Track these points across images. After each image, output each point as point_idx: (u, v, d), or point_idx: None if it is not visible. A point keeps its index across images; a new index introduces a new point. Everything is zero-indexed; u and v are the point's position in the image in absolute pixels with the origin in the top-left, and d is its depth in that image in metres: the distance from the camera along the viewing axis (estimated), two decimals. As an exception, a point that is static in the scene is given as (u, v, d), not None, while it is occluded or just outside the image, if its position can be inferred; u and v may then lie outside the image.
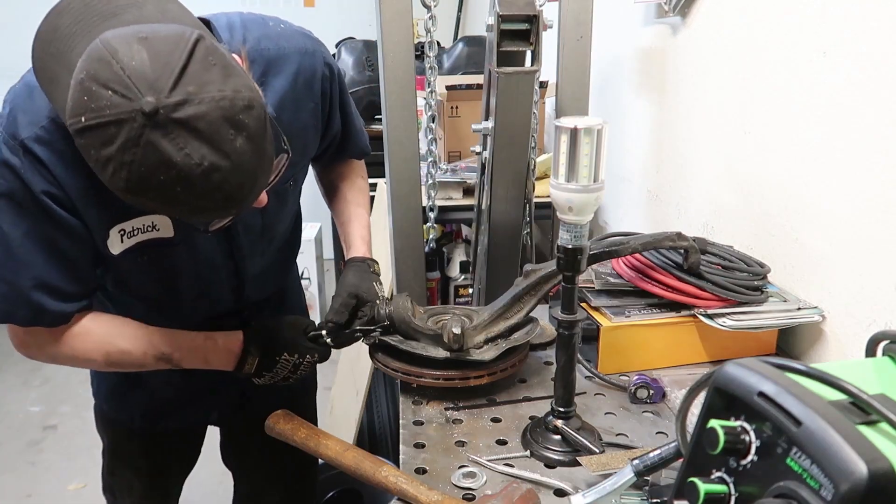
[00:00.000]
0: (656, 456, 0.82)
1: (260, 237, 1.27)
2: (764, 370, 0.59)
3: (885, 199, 1.04)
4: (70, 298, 1.09)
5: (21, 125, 0.98)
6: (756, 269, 1.25)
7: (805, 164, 1.22)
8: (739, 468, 0.59)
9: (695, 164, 1.61)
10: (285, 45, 1.16)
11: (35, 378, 3.43)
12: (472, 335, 1.18)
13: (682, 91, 1.64)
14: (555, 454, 1.02)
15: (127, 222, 1.07)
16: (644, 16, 1.82)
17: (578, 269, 0.97)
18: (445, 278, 2.73)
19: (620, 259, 1.29)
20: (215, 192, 0.84)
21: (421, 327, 1.19)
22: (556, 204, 0.94)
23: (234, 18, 1.14)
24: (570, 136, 0.90)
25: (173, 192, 0.83)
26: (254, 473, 1.63)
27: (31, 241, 1.02)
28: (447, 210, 2.06)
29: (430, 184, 1.90)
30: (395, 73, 1.52)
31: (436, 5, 1.57)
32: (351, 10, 4.18)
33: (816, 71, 1.18)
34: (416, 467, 1.02)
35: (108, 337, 1.14)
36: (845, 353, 1.16)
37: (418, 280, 1.71)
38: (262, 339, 1.20)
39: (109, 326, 1.15)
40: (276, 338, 1.21)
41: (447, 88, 2.30)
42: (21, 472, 2.82)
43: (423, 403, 1.19)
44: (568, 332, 1.00)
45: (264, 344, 1.20)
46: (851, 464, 0.49)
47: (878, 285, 1.07)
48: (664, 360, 1.25)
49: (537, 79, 1.50)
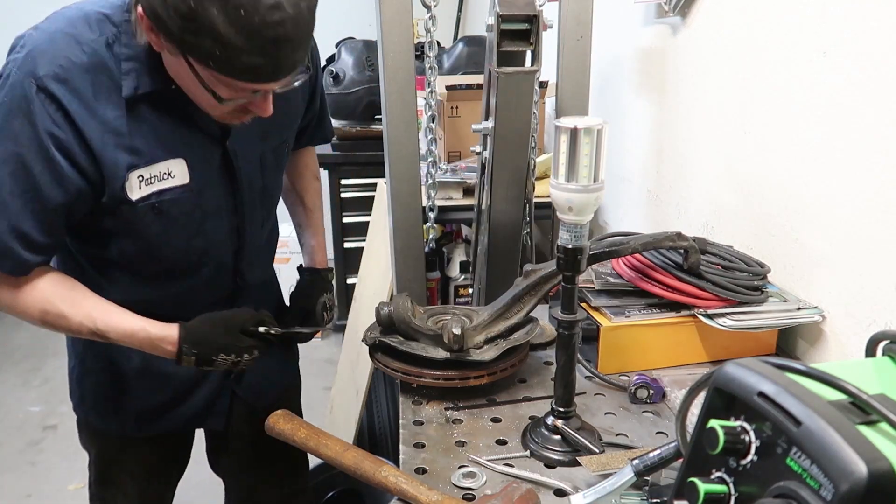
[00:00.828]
0: (656, 456, 0.82)
1: (260, 198, 1.31)
2: (764, 370, 0.59)
3: (885, 199, 1.04)
4: (38, 250, 1.08)
5: (40, 64, 1.00)
6: (756, 269, 1.25)
7: (805, 164, 1.22)
8: (739, 468, 0.59)
9: (695, 164, 1.61)
10: None
11: (35, 378, 3.43)
12: (472, 335, 1.18)
13: (682, 91, 1.64)
14: (555, 454, 1.02)
15: (145, 168, 1.09)
16: (644, 16, 1.82)
17: (578, 269, 0.97)
18: (445, 278, 2.73)
19: (620, 259, 1.29)
20: (273, 28, 0.91)
21: (421, 327, 1.19)
22: (556, 204, 0.94)
23: None
24: (570, 136, 0.90)
25: (237, 14, 0.89)
26: (245, 476, 1.62)
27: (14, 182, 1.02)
28: (447, 210, 2.06)
29: (430, 184, 1.90)
30: (395, 73, 1.52)
31: (436, 5, 1.57)
32: (351, 10, 4.18)
33: (816, 71, 1.18)
34: (416, 467, 1.02)
35: (51, 296, 1.12)
36: (845, 353, 1.16)
37: (418, 280, 1.71)
38: (195, 339, 1.20)
39: (55, 286, 1.14)
40: (209, 340, 1.20)
41: (447, 88, 2.30)
42: (21, 472, 2.82)
43: (423, 403, 1.19)
44: (568, 332, 1.00)
45: (198, 344, 1.19)
46: (851, 464, 0.49)
47: (878, 285, 1.07)
48: (664, 360, 1.25)
49: (537, 79, 1.50)
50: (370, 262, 2.68)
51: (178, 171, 1.13)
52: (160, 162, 1.11)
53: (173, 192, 1.14)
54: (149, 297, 1.24)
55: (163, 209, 1.14)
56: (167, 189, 1.13)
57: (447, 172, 2.13)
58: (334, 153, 3.26)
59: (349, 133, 3.23)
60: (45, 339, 3.82)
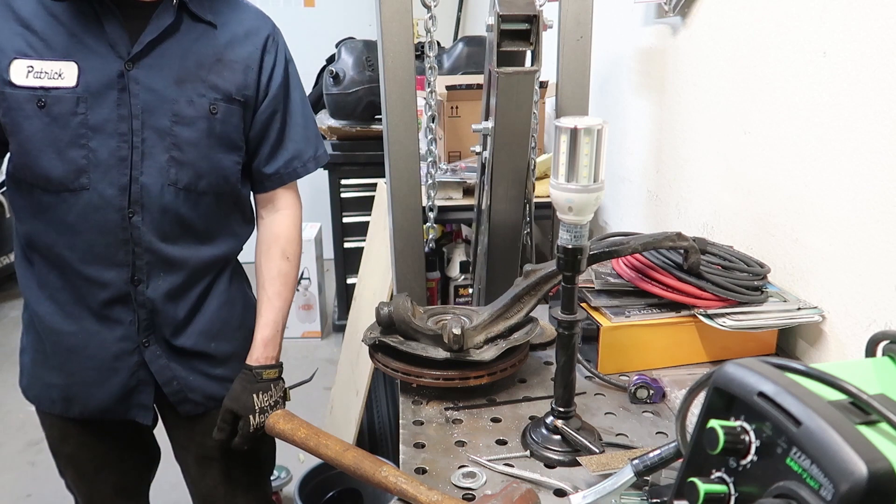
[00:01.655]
0: (656, 456, 0.82)
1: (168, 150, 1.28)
2: (763, 370, 0.59)
3: (885, 199, 1.04)
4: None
5: None
6: (756, 270, 1.25)
7: (805, 164, 1.22)
8: (739, 468, 0.59)
9: (695, 164, 1.61)
10: None
11: (35, 378, 3.43)
12: (472, 335, 1.18)
13: (682, 91, 1.64)
14: (555, 454, 1.02)
15: (37, 61, 1.20)
16: (644, 16, 1.82)
17: (578, 269, 0.97)
18: (445, 278, 2.73)
19: (620, 259, 1.29)
20: None
21: (421, 327, 1.19)
22: (556, 204, 0.94)
23: None
24: (570, 136, 0.90)
25: None
26: (201, 483, 1.58)
27: None
28: (447, 210, 2.06)
29: (430, 184, 1.90)
30: (395, 73, 1.52)
31: (436, 5, 1.57)
32: (351, 10, 4.18)
33: (816, 71, 1.18)
34: (416, 467, 1.02)
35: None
36: (845, 354, 1.16)
37: (418, 280, 1.71)
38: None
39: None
40: None
41: (447, 88, 2.30)
42: (21, 472, 2.82)
43: (423, 403, 1.19)
44: (568, 332, 1.00)
45: None
46: (851, 464, 0.49)
47: (878, 286, 1.07)
48: (664, 360, 1.25)
49: (537, 79, 1.50)
50: (370, 262, 2.68)
51: (67, 73, 1.21)
52: (53, 60, 1.20)
53: (59, 91, 1.21)
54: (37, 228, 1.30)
55: (47, 103, 1.21)
56: (54, 88, 1.21)
57: (447, 172, 2.13)
58: (334, 153, 3.26)
59: (349, 133, 3.23)
60: (45, 339, 3.82)
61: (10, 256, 4.35)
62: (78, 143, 1.23)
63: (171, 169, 1.29)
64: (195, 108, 1.29)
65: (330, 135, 3.24)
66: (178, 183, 1.30)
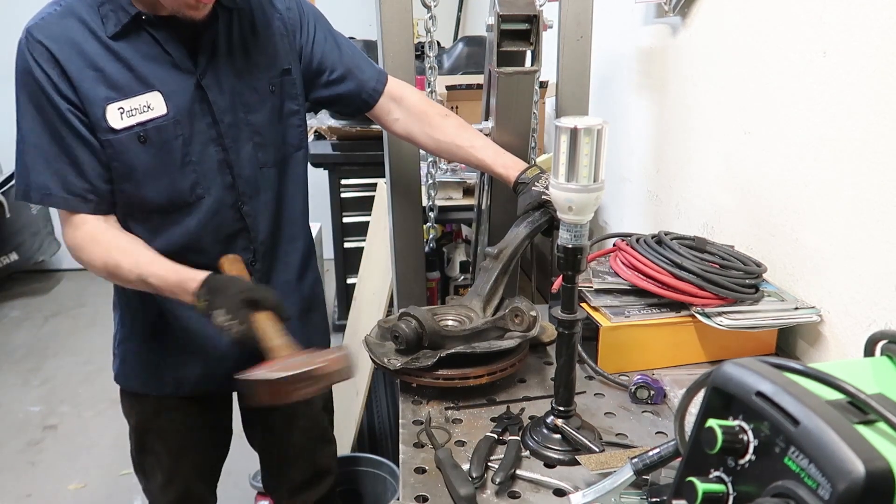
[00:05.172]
0: (655, 455, 0.82)
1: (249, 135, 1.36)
2: (762, 370, 0.60)
3: (884, 199, 1.05)
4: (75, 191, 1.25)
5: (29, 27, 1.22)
6: (752, 268, 1.25)
7: (805, 164, 1.22)
8: (737, 467, 0.59)
9: (695, 164, 1.61)
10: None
11: (35, 378, 3.42)
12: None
13: (682, 91, 1.64)
14: (554, 453, 1.02)
15: (124, 101, 1.24)
16: (644, 16, 1.82)
17: (578, 269, 0.97)
18: (445, 278, 2.73)
19: (619, 258, 1.29)
20: None
21: (455, 330, 1.19)
22: (556, 204, 0.94)
23: None
24: (570, 136, 0.90)
25: None
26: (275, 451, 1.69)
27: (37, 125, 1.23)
28: (447, 210, 2.06)
29: (430, 184, 1.90)
30: (396, 73, 1.52)
31: (436, 5, 1.57)
32: (351, 10, 4.18)
33: (816, 71, 1.18)
34: (416, 467, 1.02)
35: (108, 247, 1.28)
36: (844, 353, 1.16)
37: (418, 280, 1.71)
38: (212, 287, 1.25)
39: (112, 238, 1.29)
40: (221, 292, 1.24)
41: (447, 88, 2.30)
42: (21, 472, 2.82)
43: (423, 403, 1.19)
44: (568, 331, 1.00)
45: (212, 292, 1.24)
46: (849, 463, 0.49)
47: (877, 285, 1.07)
48: (664, 360, 1.26)
49: (537, 79, 1.51)
50: (370, 262, 2.68)
51: (155, 103, 1.26)
52: (138, 96, 1.25)
53: (155, 122, 1.26)
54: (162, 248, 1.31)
55: (148, 137, 1.26)
56: (149, 120, 1.26)
57: (447, 172, 2.13)
58: (334, 153, 3.26)
59: (349, 133, 3.22)
60: (45, 339, 3.82)
61: (10, 256, 4.35)
62: (185, 161, 1.30)
63: (257, 154, 1.38)
64: (258, 92, 1.36)
65: (330, 135, 3.23)
66: (266, 164, 1.40)
